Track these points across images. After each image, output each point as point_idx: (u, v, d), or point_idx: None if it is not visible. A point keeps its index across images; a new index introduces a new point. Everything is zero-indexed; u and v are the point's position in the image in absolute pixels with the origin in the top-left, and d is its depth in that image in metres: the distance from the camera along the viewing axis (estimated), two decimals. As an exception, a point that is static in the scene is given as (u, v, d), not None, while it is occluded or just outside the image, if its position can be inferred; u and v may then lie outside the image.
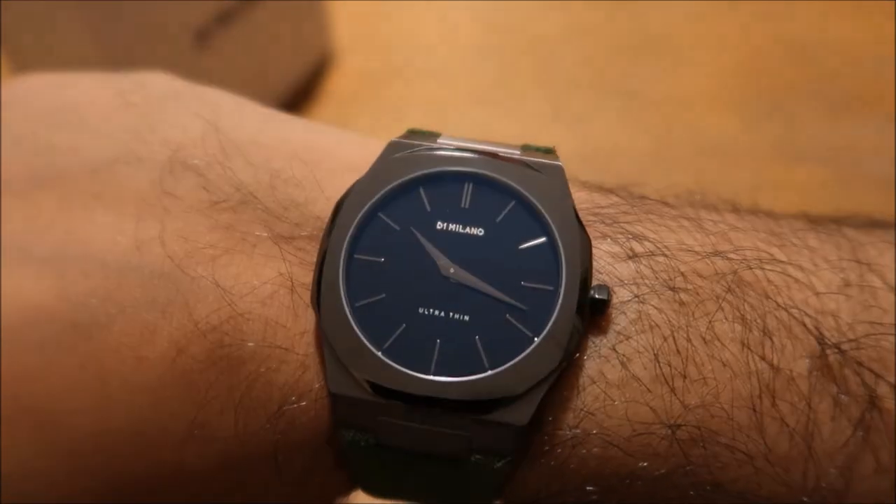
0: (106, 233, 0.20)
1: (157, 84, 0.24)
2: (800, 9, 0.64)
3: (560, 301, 0.19)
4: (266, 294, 0.19)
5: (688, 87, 0.59)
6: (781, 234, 0.21)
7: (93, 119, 0.22)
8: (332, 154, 0.22)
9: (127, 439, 0.18)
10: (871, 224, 0.22)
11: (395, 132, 0.22)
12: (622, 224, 0.20)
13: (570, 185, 0.22)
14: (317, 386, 0.19)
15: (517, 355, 0.18)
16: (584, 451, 0.19)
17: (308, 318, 0.19)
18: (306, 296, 0.20)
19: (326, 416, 0.19)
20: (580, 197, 0.21)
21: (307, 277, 0.20)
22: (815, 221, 0.22)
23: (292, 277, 0.20)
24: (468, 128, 0.56)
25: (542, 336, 0.18)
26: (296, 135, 0.23)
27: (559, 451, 0.19)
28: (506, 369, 0.18)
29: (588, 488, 0.19)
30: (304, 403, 0.19)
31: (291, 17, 0.55)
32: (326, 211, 0.20)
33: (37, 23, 0.42)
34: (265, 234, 0.20)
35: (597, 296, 0.19)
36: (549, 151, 0.21)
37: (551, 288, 0.19)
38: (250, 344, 0.19)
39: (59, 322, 0.18)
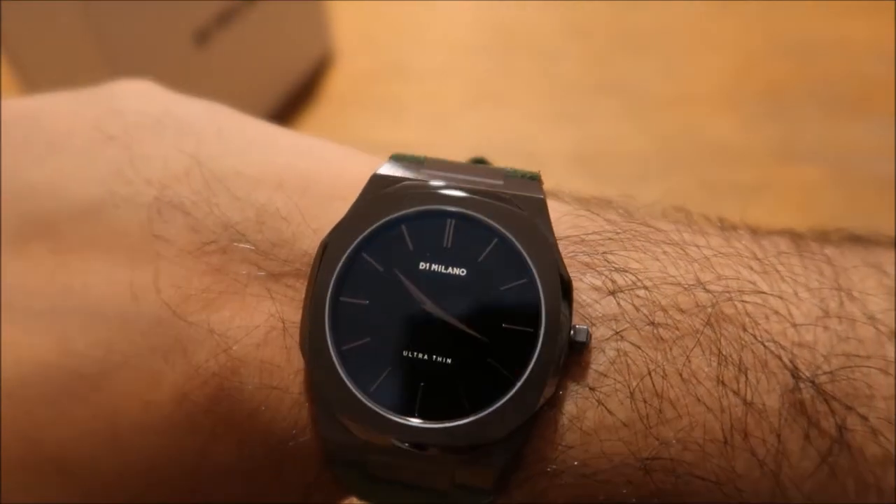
0: (102, 283, 0.20)
1: (133, 109, 0.23)
2: (799, 9, 0.64)
3: (539, 344, 0.19)
4: (259, 336, 0.20)
5: (688, 87, 0.59)
6: (765, 260, 0.21)
7: (72, 155, 0.22)
8: (318, 180, 0.22)
9: (141, 475, 0.19)
10: (853, 240, 0.22)
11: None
12: (605, 255, 0.21)
13: (557, 201, 0.22)
14: (312, 422, 0.20)
15: (497, 400, 0.18)
16: (563, 482, 0.19)
17: (301, 357, 0.20)
18: (298, 335, 0.20)
19: (322, 448, 0.20)
20: (566, 221, 0.21)
21: (298, 315, 0.20)
22: (800, 241, 0.22)
23: (283, 318, 0.20)
24: (467, 128, 0.56)
25: (522, 380, 0.18)
26: (279, 159, 0.22)
27: (539, 481, 0.19)
28: (486, 415, 0.18)
29: None
30: (301, 439, 0.20)
31: (291, 17, 0.55)
32: (313, 245, 0.20)
33: (37, 23, 0.42)
34: (255, 273, 0.20)
35: (576, 338, 0.19)
36: (534, 178, 0.21)
37: (531, 330, 0.19)
38: (248, 387, 0.19)
39: (65, 376, 0.19)
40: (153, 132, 0.22)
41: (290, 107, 0.57)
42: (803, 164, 0.52)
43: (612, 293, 0.20)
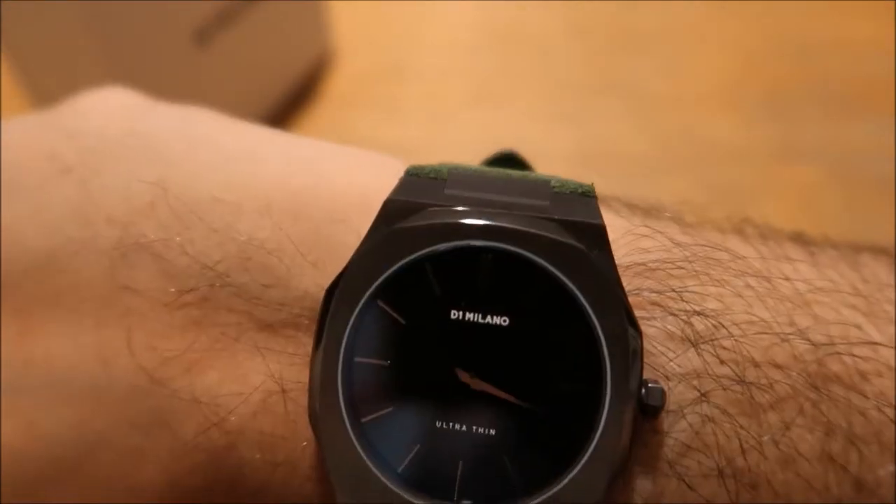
0: (66, 349, 0.17)
1: (93, 132, 0.20)
2: (799, 9, 0.64)
3: (606, 409, 0.15)
4: (256, 403, 0.17)
5: (688, 87, 0.59)
6: (870, 297, 0.18)
7: (26, 197, 0.19)
8: (312, 199, 0.18)
9: None
10: None
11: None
12: (677, 290, 0.17)
13: (609, 212, 0.19)
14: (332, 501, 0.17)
15: (558, 480, 0.15)
16: None
17: (310, 425, 0.17)
18: (302, 398, 0.17)
19: None
20: (624, 244, 0.18)
21: (301, 374, 0.17)
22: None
23: (282, 379, 0.17)
24: (467, 128, 0.56)
25: (587, 454, 0.15)
26: (265, 177, 0.19)
27: None
28: (545, 500, 0.15)
29: None
30: None
31: (291, 17, 0.55)
32: (313, 284, 0.17)
33: (37, 23, 0.42)
34: (245, 323, 0.17)
35: (648, 401, 0.15)
36: (587, 194, 0.17)
37: (593, 390, 0.16)
38: (248, 465, 0.17)
39: (36, 462, 0.17)
40: (114, 158, 0.19)
41: (290, 107, 0.57)
42: (803, 164, 0.52)
43: (693, 343, 0.16)
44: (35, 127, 0.20)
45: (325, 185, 0.19)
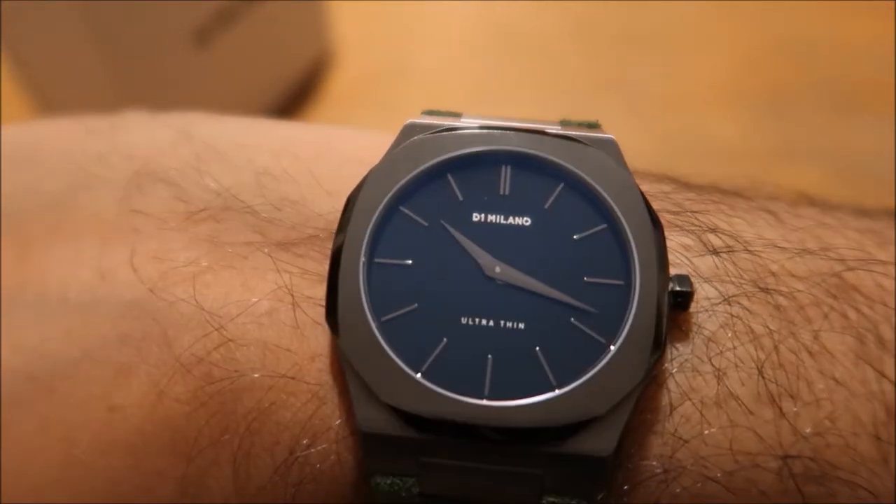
0: (64, 269, 0.17)
1: (128, 114, 0.22)
2: (800, 9, 0.63)
3: (636, 297, 0.15)
4: (262, 312, 0.16)
5: (688, 87, 0.59)
6: (876, 231, 0.18)
7: (54, 154, 0.20)
8: (328, 146, 0.19)
9: None
10: None
11: (396, 132, 0.21)
12: (691, 212, 0.18)
13: None
14: (337, 423, 0.16)
15: (591, 367, 0.15)
16: (678, 488, 0.15)
17: (318, 339, 0.16)
18: (313, 311, 0.16)
19: (353, 461, 0.16)
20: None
21: (312, 289, 0.17)
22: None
23: (293, 290, 0.16)
24: (468, 128, 0.56)
25: (619, 341, 0.15)
26: (283, 131, 0.20)
27: (647, 487, 0.15)
28: (580, 385, 0.15)
29: None
30: (322, 447, 0.16)
31: (291, 17, 0.55)
32: (328, 207, 0.18)
33: (37, 23, 0.42)
34: (256, 242, 0.17)
35: (678, 287, 0.15)
36: (594, 125, 0.18)
37: (621, 282, 0.16)
38: (248, 376, 0.16)
39: (12, 378, 0.16)
40: (142, 121, 0.21)
41: (290, 107, 0.57)
42: (803, 164, 0.52)
43: (711, 252, 0.17)
44: (76, 117, 0.22)
45: (337, 138, 0.20)
